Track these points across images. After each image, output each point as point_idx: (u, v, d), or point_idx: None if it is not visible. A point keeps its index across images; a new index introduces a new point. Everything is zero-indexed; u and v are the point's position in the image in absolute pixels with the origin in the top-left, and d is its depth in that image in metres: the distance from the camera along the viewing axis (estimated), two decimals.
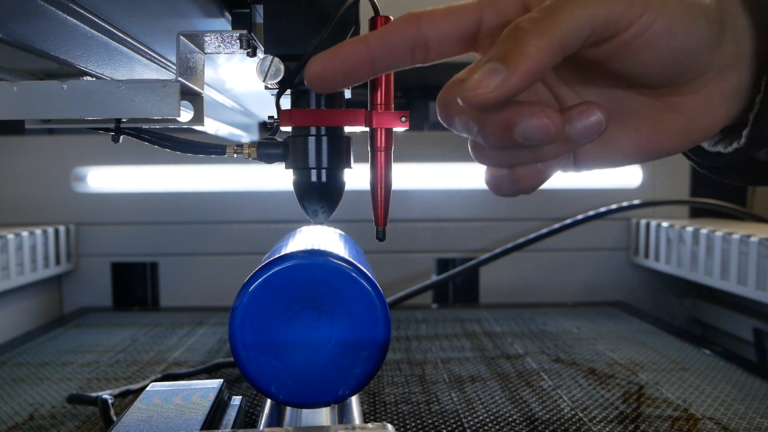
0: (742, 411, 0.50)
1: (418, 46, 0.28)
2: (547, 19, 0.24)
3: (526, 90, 0.24)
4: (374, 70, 0.28)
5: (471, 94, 0.24)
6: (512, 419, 0.49)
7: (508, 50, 0.24)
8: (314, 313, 0.37)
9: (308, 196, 0.38)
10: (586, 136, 0.26)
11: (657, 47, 0.26)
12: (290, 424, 0.42)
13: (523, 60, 0.23)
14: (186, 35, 0.36)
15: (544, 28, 0.24)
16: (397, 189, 0.38)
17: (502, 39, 0.24)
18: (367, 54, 0.28)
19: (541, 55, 0.24)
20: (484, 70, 0.24)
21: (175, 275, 0.97)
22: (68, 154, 0.96)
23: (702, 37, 0.26)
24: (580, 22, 0.24)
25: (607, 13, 0.24)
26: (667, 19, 0.25)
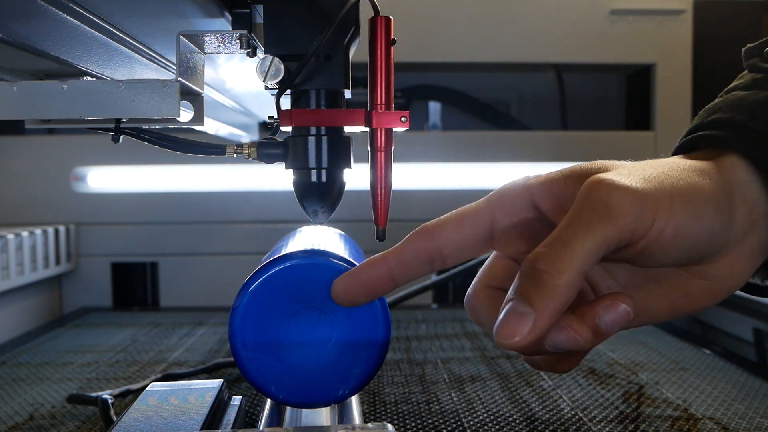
0: (742, 411, 0.50)
1: (435, 259, 0.30)
2: (561, 254, 0.25)
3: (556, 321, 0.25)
4: (395, 285, 0.30)
5: (508, 342, 0.25)
6: (512, 419, 0.49)
7: (530, 291, 0.25)
8: (314, 313, 0.37)
9: (308, 196, 0.38)
10: (615, 327, 0.27)
11: (670, 248, 0.27)
12: (290, 424, 0.42)
13: (547, 300, 0.25)
14: (186, 35, 0.36)
15: (561, 264, 0.25)
16: (397, 189, 0.38)
17: (522, 277, 0.25)
18: (387, 273, 0.30)
19: (564, 292, 0.25)
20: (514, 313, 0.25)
21: (175, 275, 0.97)
22: (68, 154, 0.96)
23: (712, 228, 0.27)
24: (593, 249, 0.25)
25: (617, 234, 0.25)
26: (676, 223, 0.26)
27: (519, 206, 0.30)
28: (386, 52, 0.36)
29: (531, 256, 0.26)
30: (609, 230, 0.25)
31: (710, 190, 0.27)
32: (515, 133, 1.07)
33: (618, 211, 0.25)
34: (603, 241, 0.25)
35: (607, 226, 0.25)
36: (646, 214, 0.26)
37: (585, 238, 0.25)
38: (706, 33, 1.01)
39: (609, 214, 0.25)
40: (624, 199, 0.25)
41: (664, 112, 1.01)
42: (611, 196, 0.26)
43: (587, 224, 0.25)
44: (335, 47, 0.36)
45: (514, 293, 0.26)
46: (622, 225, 0.25)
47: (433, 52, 0.99)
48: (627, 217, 0.25)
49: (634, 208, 0.25)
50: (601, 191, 0.26)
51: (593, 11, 0.99)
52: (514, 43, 0.99)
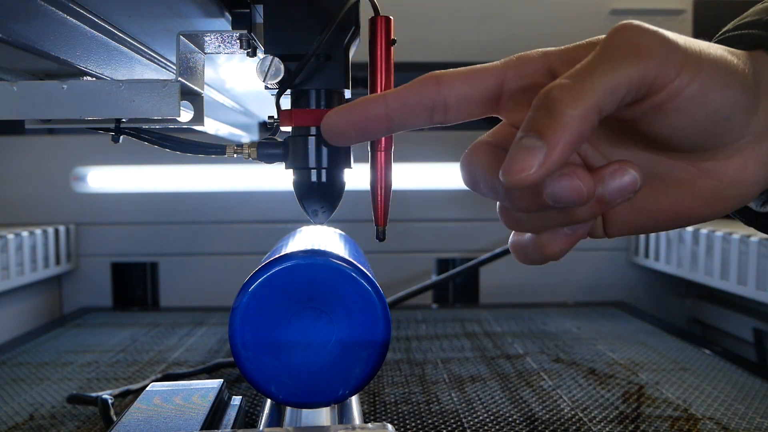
0: (742, 411, 0.50)
1: (437, 106, 0.28)
2: (579, 84, 0.23)
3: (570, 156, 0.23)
4: (390, 128, 0.28)
5: (516, 177, 0.23)
6: (512, 419, 0.49)
7: (543, 123, 0.23)
8: (314, 313, 0.37)
9: (308, 196, 0.38)
10: (620, 196, 0.25)
11: (690, 111, 0.25)
12: (290, 424, 0.42)
13: (560, 132, 0.23)
14: (186, 35, 0.36)
15: (577, 94, 0.23)
16: (397, 189, 0.38)
17: (535, 109, 0.23)
18: (384, 112, 0.28)
19: (579, 124, 0.23)
20: (523, 149, 0.23)
21: (175, 275, 0.97)
22: (68, 154, 0.96)
23: (736, 102, 0.25)
24: (613, 85, 0.23)
25: (641, 74, 0.23)
26: (701, 82, 0.24)
27: (534, 69, 0.28)
28: (386, 52, 0.36)
29: (546, 88, 0.24)
30: (632, 69, 0.23)
31: (739, 67, 0.25)
32: None
33: (645, 51, 0.24)
34: (625, 78, 0.23)
35: (632, 64, 0.23)
36: (673, 61, 0.24)
37: (606, 72, 0.23)
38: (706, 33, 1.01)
39: (635, 52, 0.23)
40: (653, 41, 0.24)
41: None
42: (641, 35, 0.24)
43: (610, 59, 0.23)
44: (335, 47, 0.36)
45: (524, 129, 0.23)
46: (647, 66, 0.23)
47: (433, 52, 0.99)
48: (653, 58, 0.23)
49: (662, 51, 0.24)
50: (631, 31, 0.24)
51: (593, 11, 0.99)
52: (514, 43, 0.99)
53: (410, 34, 0.96)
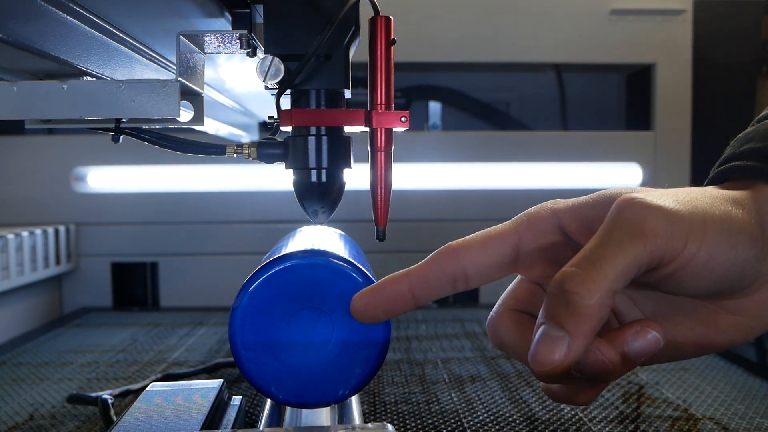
0: (742, 411, 0.50)
1: (458, 279, 0.29)
2: (591, 274, 0.24)
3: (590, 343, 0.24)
4: (415, 303, 0.29)
5: (544, 369, 0.24)
6: (512, 419, 0.49)
7: (562, 313, 0.24)
8: (314, 313, 0.37)
9: (308, 196, 0.38)
10: (644, 355, 0.26)
11: (701, 275, 0.25)
12: (290, 424, 0.42)
13: (581, 323, 0.24)
14: (186, 35, 0.36)
15: (591, 285, 0.24)
16: (397, 189, 0.38)
17: (552, 298, 0.25)
18: (409, 290, 0.29)
19: (596, 312, 0.24)
20: (548, 338, 0.24)
21: (175, 275, 0.97)
22: (68, 154, 0.96)
23: (745, 258, 0.26)
24: (624, 269, 0.24)
25: (649, 254, 0.24)
26: (708, 249, 0.25)
27: (545, 229, 0.29)
28: (386, 52, 0.36)
29: (558, 276, 0.25)
30: (640, 249, 0.24)
31: (744, 220, 0.26)
32: (515, 133, 1.07)
33: (650, 231, 0.24)
34: (634, 260, 0.24)
35: (639, 246, 0.24)
36: (679, 235, 0.25)
37: (615, 257, 0.24)
38: (706, 33, 1.01)
39: (641, 233, 0.24)
40: (656, 219, 0.25)
41: (664, 112, 1.01)
42: (643, 215, 0.25)
43: (617, 243, 0.24)
44: (335, 47, 0.36)
45: (544, 317, 0.25)
46: (654, 245, 0.24)
47: (433, 52, 0.99)
48: (659, 237, 0.24)
49: (667, 228, 0.25)
50: (633, 210, 0.25)
51: (593, 11, 0.99)
52: (514, 43, 0.99)
53: (410, 34, 0.96)
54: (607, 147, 1.01)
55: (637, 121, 1.08)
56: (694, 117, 1.01)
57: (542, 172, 1.00)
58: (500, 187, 0.98)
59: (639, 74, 1.06)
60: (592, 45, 0.99)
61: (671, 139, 1.01)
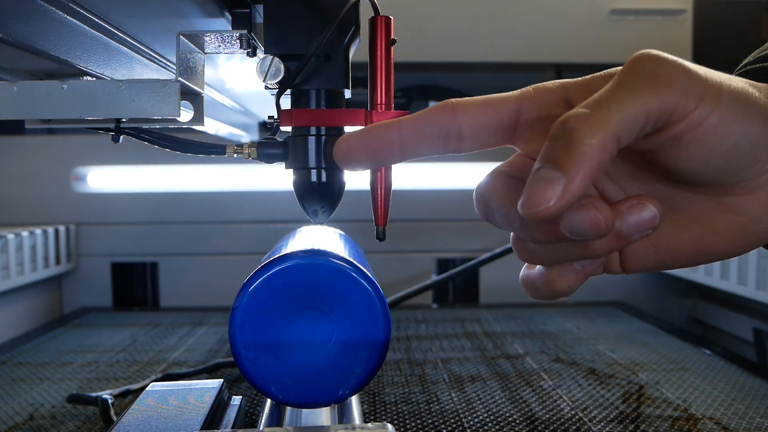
0: (742, 411, 0.50)
1: (451, 135, 0.27)
2: (597, 113, 0.23)
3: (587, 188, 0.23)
4: (403, 155, 0.28)
5: (535, 210, 0.22)
6: (512, 419, 0.49)
7: (561, 153, 0.22)
8: (314, 313, 0.37)
9: (308, 196, 0.38)
10: (639, 232, 0.24)
11: (709, 143, 0.24)
12: (290, 424, 0.42)
13: (579, 162, 0.22)
14: (186, 35, 0.36)
15: (595, 123, 0.22)
16: (397, 189, 0.38)
17: (552, 139, 0.23)
18: (398, 138, 0.27)
19: (598, 154, 0.22)
20: (542, 180, 0.22)
21: (175, 275, 0.97)
22: (68, 154, 0.96)
23: (758, 136, 0.24)
24: (632, 114, 0.23)
25: (660, 104, 0.23)
26: (721, 114, 0.23)
27: (550, 100, 0.27)
28: (386, 52, 0.36)
29: (562, 117, 0.23)
30: (652, 97, 0.23)
31: (762, 101, 0.25)
32: None
33: (664, 80, 0.23)
34: (643, 107, 0.23)
35: (651, 93, 0.23)
36: (693, 91, 0.23)
37: (624, 101, 0.23)
38: (706, 33, 1.01)
39: (654, 81, 0.23)
40: (672, 71, 0.23)
41: None
42: (659, 66, 0.24)
43: (629, 88, 0.23)
44: (335, 47, 0.36)
45: (539, 161, 0.23)
46: (666, 95, 0.23)
47: (433, 52, 0.99)
48: (673, 88, 0.23)
49: (682, 81, 0.23)
50: (649, 61, 0.24)
51: (593, 11, 0.99)
52: (514, 43, 0.99)
53: (410, 34, 0.96)
54: None
55: None
56: None
57: None
58: None
59: None
60: (592, 45, 0.99)
61: None
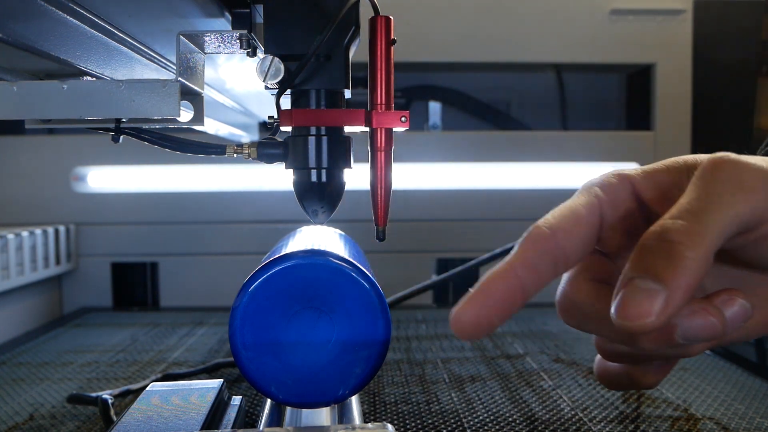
0: (742, 411, 0.50)
1: (559, 260, 0.26)
2: (695, 227, 0.23)
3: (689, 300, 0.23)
4: (525, 300, 0.26)
5: (635, 323, 0.22)
6: (512, 419, 0.49)
7: (661, 265, 0.22)
8: (314, 313, 0.37)
9: (308, 196, 0.38)
10: (736, 324, 0.24)
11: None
12: (290, 424, 0.42)
13: (681, 276, 0.22)
14: (186, 35, 0.36)
15: (695, 238, 0.22)
16: (397, 189, 0.38)
17: (650, 250, 0.23)
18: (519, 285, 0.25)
19: (700, 267, 0.22)
20: (641, 292, 0.22)
21: (175, 275, 0.97)
22: (68, 154, 0.96)
23: None
24: (727, 223, 0.23)
25: (750, 211, 0.24)
26: None
27: (622, 197, 0.28)
28: (386, 52, 0.36)
29: (656, 228, 0.23)
30: (741, 205, 0.23)
31: None
32: (515, 133, 1.07)
33: (750, 188, 0.24)
34: (735, 216, 0.23)
35: (741, 201, 0.23)
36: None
37: (718, 211, 0.23)
38: (706, 33, 1.01)
39: (742, 188, 0.24)
40: (755, 176, 0.24)
41: (664, 112, 1.01)
42: (741, 172, 0.24)
43: (719, 198, 0.23)
44: (335, 47, 0.36)
45: (634, 271, 0.23)
46: (755, 201, 0.23)
47: (433, 52, 0.99)
48: (760, 193, 0.24)
49: (766, 186, 0.24)
50: (731, 167, 0.24)
51: (593, 11, 0.99)
52: (514, 43, 0.99)
53: (410, 34, 0.96)
54: (607, 147, 1.01)
55: (636, 121, 1.08)
56: (694, 117, 1.01)
57: (542, 172, 1.00)
58: (500, 187, 0.98)
59: (639, 74, 1.06)
60: (592, 45, 1.00)
61: (671, 138, 1.01)
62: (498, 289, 0.25)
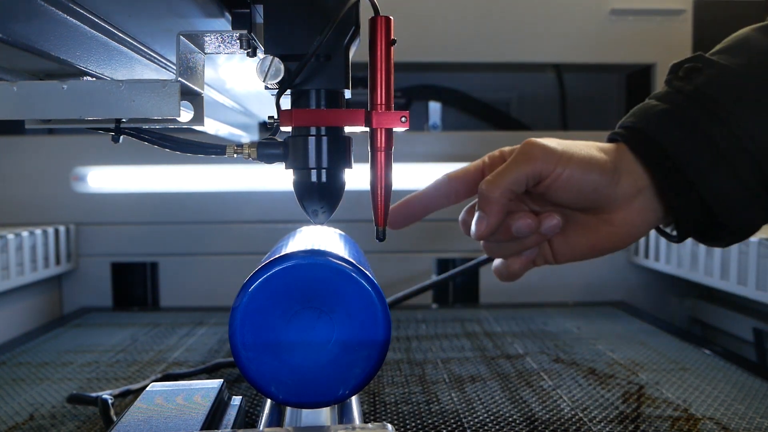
0: (742, 411, 0.50)
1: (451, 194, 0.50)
2: (496, 179, 0.43)
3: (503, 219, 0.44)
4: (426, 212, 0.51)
5: (476, 236, 0.45)
6: (512, 419, 0.49)
7: (481, 203, 0.44)
8: (314, 313, 0.37)
9: (308, 196, 0.38)
10: (550, 231, 0.45)
11: (567, 187, 0.43)
12: (290, 424, 0.42)
13: (491, 206, 0.43)
14: (186, 35, 0.36)
15: (496, 185, 0.43)
16: (397, 189, 0.38)
17: (478, 196, 0.44)
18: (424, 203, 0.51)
19: (500, 200, 0.43)
20: (477, 219, 0.44)
21: (175, 275, 0.97)
22: (68, 154, 0.96)
23: (597, 180, 0.43)
24: (517, 176, 0.43)
25: (531, 169, 0.43)
26: (570, 171, 0.43)
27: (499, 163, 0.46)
28: (386, 52, 0.36)
29: (480, 184, 0.44)
30: (526, 167, 0.43)
31: (601, 159, 0.43)
32: (515, 133, 1.07)
33: (533, 157, 0.43)
34: (522, 173, 0.43)
35: (525, 165, 0.43)
36: (551, 161, 0.42)
37: (510, 171, 0.43)
38: (706, 33, 1.01)
39: (528, 157, 0.43)
40: (539, 150, 0.43)
41: None
42: (532, 147, 0.43)
43: (514, 163, 0.43)
44: (335, 47, 0.36)
45: (476, 207, 0.44)
46: (534, 165, 0.43)
47: (433, 52, 0.99)
48: (538, 160, 0.43)
49: (544, 155, 0.43)
50: (528, 145, 0.44)
51: (593, 11, 0.99)
52: (514, 43, 0.99)
53: (410, 34, 0.96)
54: None
55: None
56: None
57: None
58: None
59: (639, 74, 1.06)
60: (592, 45, 1.00)
61: None
62: (411, 204, 0.51)
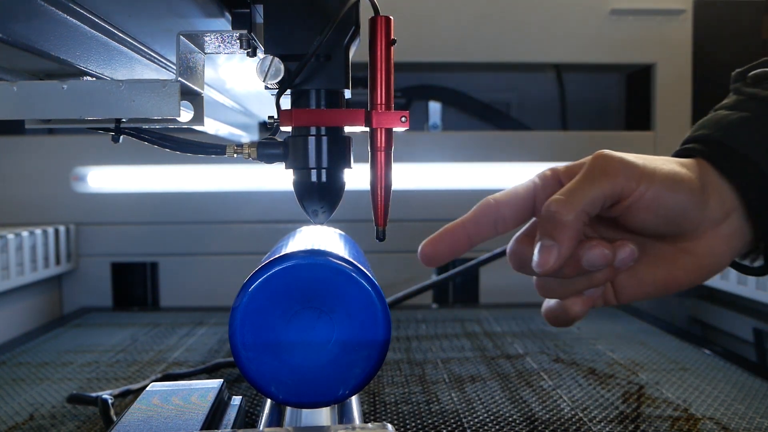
0: (742, 411, 0.50)
1: (498, 222, 0.37)
2: (569, 198, 0.33)
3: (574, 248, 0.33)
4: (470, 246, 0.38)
5: (542, 269, 0.33)
6: (512, 419, 0.49)
7: (550, 228, 0.33)
8: (314, 313, 0.37)
9: (308, 196, 0.38)
10: (624, 264, 0.35)
11: (651, 210, 0.34)
12: (290, 424, 0.42)
13: (563, 231, 0.33)
14: (186, 35, 0.36)
15: (568, 206, 0.33)
16: (397, 189, 0.38)
17: (543, 219, 0.34)
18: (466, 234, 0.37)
19: (575, 225, 0.33)
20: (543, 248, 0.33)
21: (175, 275, 0.97)
22: (68, 154, 0.96)
23: (685, 201, 0.34)
24: (593, 197, 0.33)
25: (611, 188, 0.34)
26: (655, 190, 0.34)
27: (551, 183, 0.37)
28: (386, 52, 0.36)
29: (546, 203, 0.34)
30: (605, 184, 0.33)
31: (687, 176, 0.35)
32: (515, 133, 1.07)
33: (613, 172, 0.34)
34: (600, 191, 0.33)
35: (604, 181, 0.33)
36: (633, 177, 0.34)
37: (586, 188, 0.33)
38: (706, 33, 1.01)
39: (606, 173, 0.34)
40: (618, 165, 0.34)
41: (663, 112, 1.01)
42: (608, 161, 0.34)
43: (590, 179, 0.34)
44: (335, 47, 0.36)
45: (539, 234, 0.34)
46: (614, 182, 0.34)
47: (433, 52, 0.99)
48: (619, 176, 0.34)
49: (625, 171, 0.34)
50: (602, 158, 0.35)
51: (593, 11, 0.99)
52: (514, 43, 0.99)
53: (410, 34, 0.96)
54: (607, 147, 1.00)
55: (637, 121, 1.08)
56: (694, 117, 1.00)
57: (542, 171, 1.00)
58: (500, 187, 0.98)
59: (639, 74, 1.06)
60: (592, 45, 0.99)
61: (671, 139, 1.00)
62: (451, 235, 0.37)
